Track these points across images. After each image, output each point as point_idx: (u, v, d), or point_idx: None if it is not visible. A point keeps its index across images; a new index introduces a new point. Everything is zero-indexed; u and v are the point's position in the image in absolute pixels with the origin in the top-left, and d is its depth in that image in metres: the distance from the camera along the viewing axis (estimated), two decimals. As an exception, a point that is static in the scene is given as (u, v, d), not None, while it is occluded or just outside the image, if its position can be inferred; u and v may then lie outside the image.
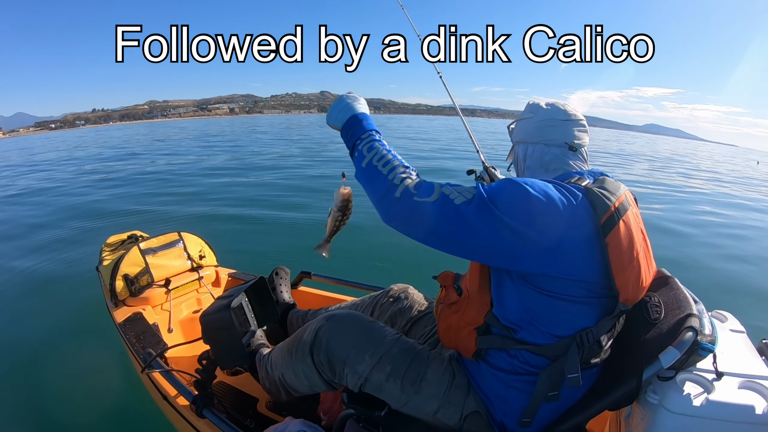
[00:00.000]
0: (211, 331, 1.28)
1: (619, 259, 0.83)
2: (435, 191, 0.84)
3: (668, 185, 10.74)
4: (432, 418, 1.03)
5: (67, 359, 2.44)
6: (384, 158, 0.91)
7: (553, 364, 0.91)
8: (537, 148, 1.05)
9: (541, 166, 1.05)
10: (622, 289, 0.85)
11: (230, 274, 2.42)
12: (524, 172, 1.09)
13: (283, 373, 1.27)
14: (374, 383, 1.08)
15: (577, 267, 0.84)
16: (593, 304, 0.88)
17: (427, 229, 0.85)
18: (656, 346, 0.87)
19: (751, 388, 0.84)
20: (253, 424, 1.43)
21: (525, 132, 1.08)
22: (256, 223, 5.91)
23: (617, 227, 0.83)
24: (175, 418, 1.50)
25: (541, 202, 0.81)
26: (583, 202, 0.84)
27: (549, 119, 1.04)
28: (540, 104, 1.07)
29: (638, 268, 0.87)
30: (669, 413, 0.83)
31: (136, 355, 1.60)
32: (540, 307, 0.89)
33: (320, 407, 1.44)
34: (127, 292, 2.02)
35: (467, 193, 0.84)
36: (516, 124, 1.14)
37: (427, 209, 0.83)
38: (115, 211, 6.62)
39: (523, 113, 1.12)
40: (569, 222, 0.82)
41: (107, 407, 2.01)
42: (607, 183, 0.91)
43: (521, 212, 0.81)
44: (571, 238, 0.82)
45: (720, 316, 1.14)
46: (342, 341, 1.12)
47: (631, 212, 0.89)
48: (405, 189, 0.85)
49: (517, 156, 1.12)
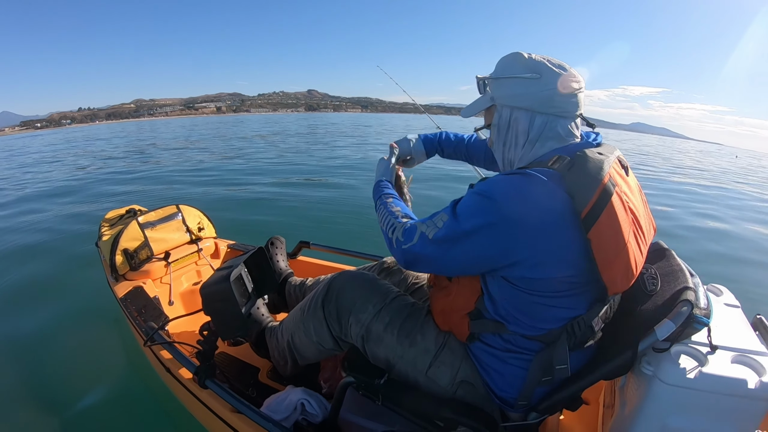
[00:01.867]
0: (211, 303, 1.29)
1: (604, 254, 0.78)
2: (415, 234, 0.91)
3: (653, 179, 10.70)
4: (425, 377, 1.05)
5: (69, 335, 2.47)
6: (385, 218, 1.04)
7: (545, 350, 0.90)
8: (546, 120, 0.90)
9: (542, 140, 0.92)
10: (609, 283, 0.81)
11: (229, 246, 2.43)
12: (524, 145, 0.94)
13: (293, 334, 1.31)
14: (374, 334, 1.11)
15: (559, 267, 0.81)
16: (582, 294, 0.85)
17: (425, 267, 0.93)
18: (652, 318, 0.88)
19: (744, 363, 0.85)
20: (255, 393, 1.46)
21: (531, 98, 0.90)
22: (253, 194, 5.91)
23: (600, 220, 0.77)
24: (178, 390, 1.53)
25: (515, 224, 0.79)
26: (559, 196, 0.78)
27: (551, 83, 0.88)
28: (545, 63, 0.89)
29: (627, 259, 0.81)
30: (663, 384, 0.85)
31: (138, 328, 1.61)
32: (526, 304, 0.87)
33: (321, 375, 1.47)
34: (127, 267, 2.02)
35: (441, 220, 0.88)
36: (506, 81, 0.92)
37: (414, 252, 0.91)
38: (113, 188, 6.59)
39: (515, 69, 0.91)
40: (538, 229, 0.78)
41: (110, 381, 2.05)
42: (589, 162, 0.81)
43: (494, 240, 0.81)
44: (544, 245, 0.79)
45: (715, 290, 1.15)
46: (351, 293, 1.18)
47: (618, 191, 0.81)
48: (396, 240, 0.95)
49: (509, 124, 0.94)
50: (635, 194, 0.90)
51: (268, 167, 8.54)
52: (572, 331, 0.88)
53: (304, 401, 1.26)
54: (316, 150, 12.15)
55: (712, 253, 4.52)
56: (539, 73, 0.88)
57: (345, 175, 7.74)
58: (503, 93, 0.94)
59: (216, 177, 7.55)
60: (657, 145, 38.78)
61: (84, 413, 1.86)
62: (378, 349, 1.11)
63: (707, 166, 17.89)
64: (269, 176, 7.48)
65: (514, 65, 0.92)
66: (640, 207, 0.89)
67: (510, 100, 0.93)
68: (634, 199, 0.87)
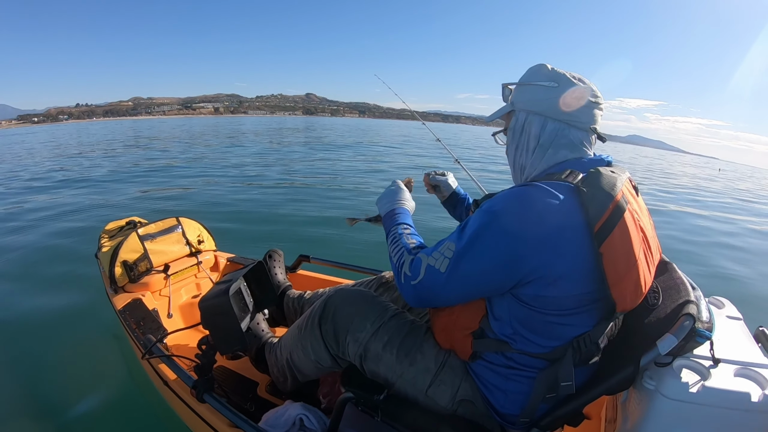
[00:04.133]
0: (210, 317, 1.28)
1: (615, 269, 0.79)
2: (422, 268, 0.89)
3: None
4: (425, 396, 1.04)
5: (67, 346, 2.45)
6: (396, 248, 1.00)
7: (550, 368, 0.90)
8: (558, 127, 0.93)
9: (554, 147, 0.94)
10: (619, 300, 0.81)
11: (229, 259, 2.42)
12: (535, 150, 0.96)
13: (291, 352, 1.29)
14: (372, 352, 1.09)
15: (571, 284, 0.81)
16: (589, 311, 0.85)
17: (439, 301, 0.91)
18: (654, 332, 0.87)
19: (747, 376, 0.84)
20: (253, 407, 1.44)
21: (546, 103, 0.93)
22: (254, 207, 5.91)
23: (613, 235, 0.78)
24: (176, 403, 1.51)
25: (514, 247, 0.79)
26: (574, 208, 0.79)
27: (570, 93, 0.92)
28: (566, 75, 0.93)
29: (637, 275, 0.82)
30: (665, 399, 0.84)
31: (137, 341, 1.60)
32: (534, 322, 0.87)
33: (320, 390, 1.45)
34: (126, 279, 2.02)
35: (449, 250, 0.86)
36: (524, 87, 0.98)
37: (425, 287, 0.88)
38: (114, 198, 6.61)
39: (535, 76, 0.96)
40: (553, 244, 0.78)
41: (108, 393, 2.03)
42: (602, 179, 0.82)
43: (503, 256, 0.81)
44: (559, 260, 0.78)
45: (717, 303, 1.14)
46: (347, 311, 1.15)
47: (630, 209, 0.82)
48: (404, 275, 0.92)
49: (524, 128, 0.97)
50: (644, 215, 0.91)
51: (267, 179, 8.56)
52: (578, 347, 0.88)
53: (302, 416, 1.25)
54: (318, 161, 12.20)
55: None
56: (558, 83, 0.93)
57: (347, 189, 7.76)
58: (522, 98, 0.98)
59: (214, 188, 7.57)
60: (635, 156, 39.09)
61: (81, 425, 1.85)
62: (377, 368, 1.09)
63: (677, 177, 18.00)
64: (269, 189, 7.50)
65: (537, 74, 0.97)
66: (649, 228, 0.90)
67: (526, 104, 0.97)
68: (644, 219, 0.89)
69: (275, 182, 8.06)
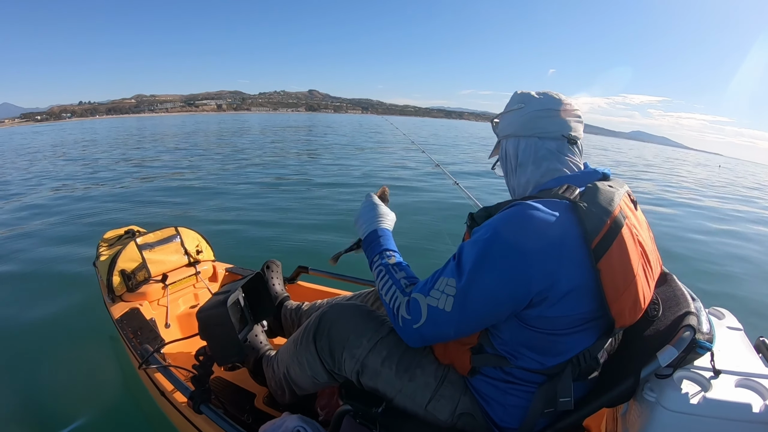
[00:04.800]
0: (207, 328, 1.28)
1: (613, 286, 0.79)
2: (422, 309, 0.87)
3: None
4: (424, 410, 1.02)
5: (64, 355, 2.44)
6: (385, 285, 0.98)
7: (549, 383, 0.89)
8: (530, 142, 0.98)
9: (535, 162, 0.98)
10: (618, 316, 0.82)
11: (227, 269, 2.42)
12: (516, 169, 1.02)
13: (288, 366, 1.27)
14: (370, 369, 1.07)
15: (573, 303, 0.80)
16: (590, 328, 0.85)
17: (446, 339, 0.90)
18: (654, 344, 0.87)
19: (748, 387, 0.84)
20: (250, 419, 1.43)
21: (516, 124, 1.00)
22: (252, 217, 5.91)
23: (610, 250, 0.78)
24: (172, 414, 1.50)
25: (519, 263, 0.79)
26: (571, 224, 0.79)
27: (543, 109, 0.97)
28: (531, 94, 1.00)
29: (635, 291, 0.82)
30: (666, 411, 0.83)
31: (134, 350, 1.59)
32: (533, 341, 0.87)
33: (317, 402, 1.44)
34: (124, 288, 2.01)
35: (449, 287, 0.84)
36: (503, 117, 1.05)
37: (429, 328, 0.87)
38: (112, 207, 6.61)
39: (510, 104, 1.04)
40: (557, 264, 0.78)
41: (105, 403, 2.01)
42: (600, 194, 0.83)
43: (510, 281, 0.80)
44: (562, 279, 0.78)
45: (717, 313, 1.14)
46: (343, 326, 1.13)
47: (628, 224, 0.82)
48: (402, 318, 0.90)
49: (506, 152, 1.04)
50: (644, 229, 0.91)
51: (267, 186, 8.57)
52: (577, 363, 0.88)
53: (300, 428, 1.24)
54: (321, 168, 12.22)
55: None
56: (524, 103, 1.00)
57: (347, 196, 7.76)
58: (501, 127, 1.07)
59: (217, 198, 7.57)
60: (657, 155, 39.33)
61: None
62: (374, 384, 1.08)
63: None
64: (268, 197, 7.50)
65: (510, 101, 1.05)
66: (648, 242, 0.90)
67: (503, 131, 1.05)
68: (643, 233, 0.89)
69: (277, 189, 8.07)
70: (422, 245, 4.42)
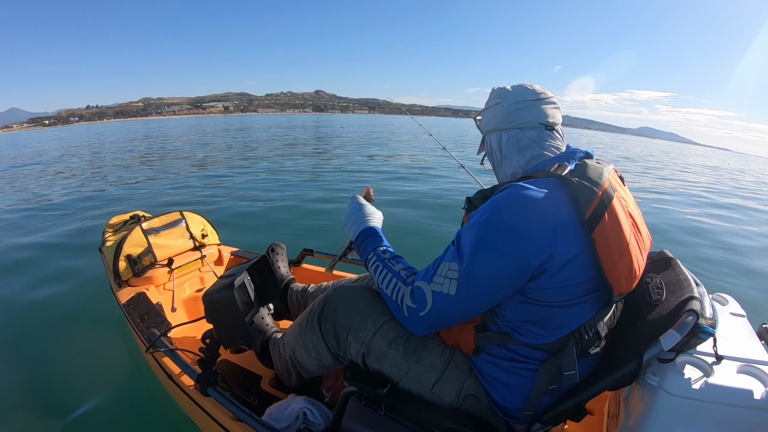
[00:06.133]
0: (213, 311, 1.29)
1: (608, 254, 0.82)
2: (427, 296, 0.89)
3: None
4: (430, 392, 1.04)
5: (71, 340, 2.48)
6: (385, 279, 1.00)
7: (553, 358, 0.91)
8: (511, 134, 1.03)
9: (518, 152, 1.02)
10: (615, 283, 0.85)
11: (233, 253, 2.43)
12: (502, 161, 1.06)
13: (294, 349, 1.28)
14: (376, 350, 1.08)
15: (572, 273, 0.84)
16: (589, 300, 0.88)
17: (452, 323, 0.93)
18: (657, 328, 0.87)
19: (750, 373, 0.84)
20: (257, 401, 1.45)
21: (496, 119, 1.05)
22: (257, 201, 5.92)
23: (603, 220, 0.82)
24: (179, 397, 1.53)
25: (516, 240, 0.81)
26: (563, 199, 0.83)
27: (519, 101, 1.02)
28: (506, 88, 1.05)
29: (630, 259, 0.86)
30: (668, 395, 0.84)
31: (140, 335, 1.61)
32: (537, 315, 0.89)
33: (323, 384, 1.46)
34: (131, 273, 2.03)
35: (452, 271, 0.86)
36: (483, 113, 1.10)
37: (436, 314, 0.89)
38: (118, 193, 6.63)
39: (489, 101, 1.09)
40: (552, 237, 0.81)
41: (113, 387, 2.04)
42: (589, 169, 0.88)
43: (512, 257, 0.82)
44: (559, 250, 0.81)
45: (721, 299, 1.14)
46: (348, 310, 1.13)
47: (618, 196, 0.87)
48: (407, 308, 0.93)
49: (490, 147, 1.09)
50: (632, 204, 0.95)
51: (273, 174, 8.56)
52: (579, 337, 0.90)
53: (306, 410, 1.26)
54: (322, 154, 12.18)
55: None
56: (501, 98, 1.05)
57: (349, 180, 7.75)
58: (483, 124, 1.12)
59: (222, 182, 7.58)
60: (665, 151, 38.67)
61: (86, 418, 1.86)
62: (380, 366, 1.09)
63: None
64: (277, 184, 7.50)
65: (489, 98, 1.10)
66: (637, 215, 0.94)
67: (486, 127, 1.10)
68: (632, 207, 0.93)
69: (282, 175, 8.06)
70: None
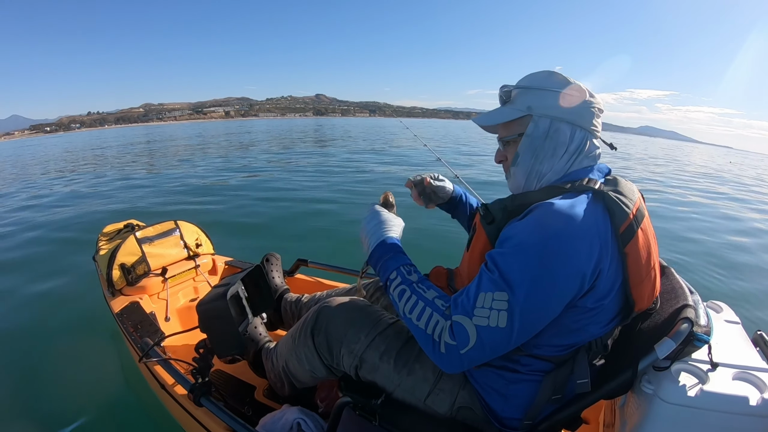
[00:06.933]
0: (207, 320, 1.28)
1: (637, 271, 0.82)
2: (469, 332, 0.79)
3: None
4: (423, 404, 1.03)
5: (64, 349, 2.45)
6: (415, 308, 0.86)
7: (558, 369, 0.89)
8: (585, 135, 0.92)
9: (579, 155, 0.92)
10: (638, 300, 0.84)
11: (227, 262, 2.42)
12: (540, 154, 0.93)
13: (286, 360, 1.27)
14: (369, 363, 1.07)
15: (610, 286, 0.82)
16: (607, 313, 0.85)
17: (490, 358, 0.82)
18: (652, 337, 0.87)
19: (746, 380, 0.84)
20: (250, 411, 1.44)
21: (573, 112, 0.91)
22: (252, 211, 5.91)
23: (636, 237, 0.81)
24: (173, 407, 1.51)
25: (572, 262, 0.76)
26: (600, 213, 0.80)
27: (587, 100, 0.91)
28: (580, 85, 0.93)
29: (654, 278, 0.86)
30: (663, 403, 0.84)
31: (134, 344, 1.60)
32: (562, 330, 0.86)
33: (317, 395, 1.45)
34: (124, 282, 2.01)
35: (498, 302, 0.77)
36: (547, 94, 0.93)
37: (480, 349, 0.79)
38: (112, 202, 6.61)
39: (553, 84, 0.93)
40: (600, 255, 0.78)
41: (105, 397, 2.02)
42: (621, 186, 0.87)
43: (569, 281, 0.77)
44: (604, 267, 0.79)
45: (715, 307, 1.14)
46: (341, 323, 1.12)
47: (647, 219, 0.86)
48: (446, 345, 0.81)
49: (548, 134, 0.92)
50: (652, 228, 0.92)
51: (271, 181, 8.57)
52: (588, 348, 0.89)
53: (300, 420, 1.24)
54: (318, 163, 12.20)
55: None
56: (577, 92, 0.92)
57: (343, 190, 7.75)
58: (543, 104, 0.93)
59: (216, 192, 7.57)
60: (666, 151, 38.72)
61: (78, 429, 1.84)
62: (373, 378, 1.08)
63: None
64: (269, 191, 7.50)
65: (552, 80, 0.93)
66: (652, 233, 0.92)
67: (550, 110, 0.92)
68: (653, 231, 0.91)
69: (274, 184, 8.06)
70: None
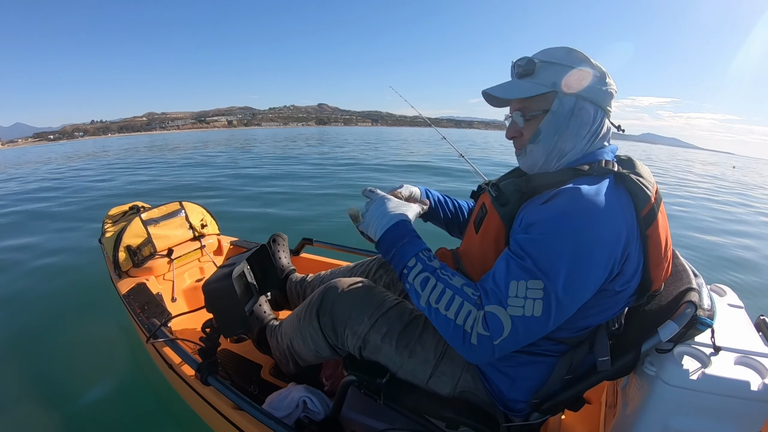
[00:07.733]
0: (213, 300, 1.29)
1: (657, 252, 0.83)
2: (504, 322, 0.76)
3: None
4: (425, 385, 1.04)
5: (72, 331, 2.49)
6: (443, 297, 0.82)
7: (573, 349, 0.90)
8: (605, 117, 0.92)
9: (600, 136, 0.92)
10: (656, 280, 0.86)
11: (232, 242, 2.44)
12: (577, 134, 0.91)
13: (291, 339, 1.28)
14: (372, 344, 1.08)
15: (630, 268, 0.82)
16: (626, 294, 0.85)
17: (521, 346, 0.80)
18: (655, 319, 0.87)
19: (747, 364, 0.85)
20: (257, 390, 1.46)
21: (598, 92, 0.89)
22: (258, 191, 5.90)
23: (657, 220, 0.82)
24: (180, 387, 1.53)
25: (607, 246, 0.76)
26: (623, 196, 0.81)
27: (608, 82, 0.90)
28: (602, 67, 0.91)
29: (670, 258, 0.88)
30: (665, 385, 0.84)
31: (141, 325, 1.62)
32: (587, 312, 0.85)
33: (323, 373, 1.47)
34: (130, 263, 2.03)
35: (533, 290, 0.75)
36: (573, 71, 0.89)
37: (514, 339, 0.77)
38: (119, 185, 6.61)
39: (577, 62, 0.90)
40: (628, 238, 0.78)
41: (113, 377, 2.06)
42: (639, 168, 0.88)
43: (605, 265, 0.77)
44: (631, 251, 0.80)
45: (719, 290, 1.14)
46: (346, 304, 1.13)
47: (663, 202, 0.87)
48: (479, 336, 0.78)
49: (573, 112, 0.90)
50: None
51: (273, 165, 8.54)
52: (606, 326, 0.91)
53: (306, 398, 1.27)
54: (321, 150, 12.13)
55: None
56: (600, 73, 0.90)
57: (350, 171, 7.72)
58: (569, 82, 0.90)
59: (223, 173, 7.56)
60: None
61: (86, 409, 1.88)
62: (376, 359, 1.09)
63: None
64: (276, 174, 7.48)
65: (575, 57, 0.90)
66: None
67: (572, 86, 0.89)
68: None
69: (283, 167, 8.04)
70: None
